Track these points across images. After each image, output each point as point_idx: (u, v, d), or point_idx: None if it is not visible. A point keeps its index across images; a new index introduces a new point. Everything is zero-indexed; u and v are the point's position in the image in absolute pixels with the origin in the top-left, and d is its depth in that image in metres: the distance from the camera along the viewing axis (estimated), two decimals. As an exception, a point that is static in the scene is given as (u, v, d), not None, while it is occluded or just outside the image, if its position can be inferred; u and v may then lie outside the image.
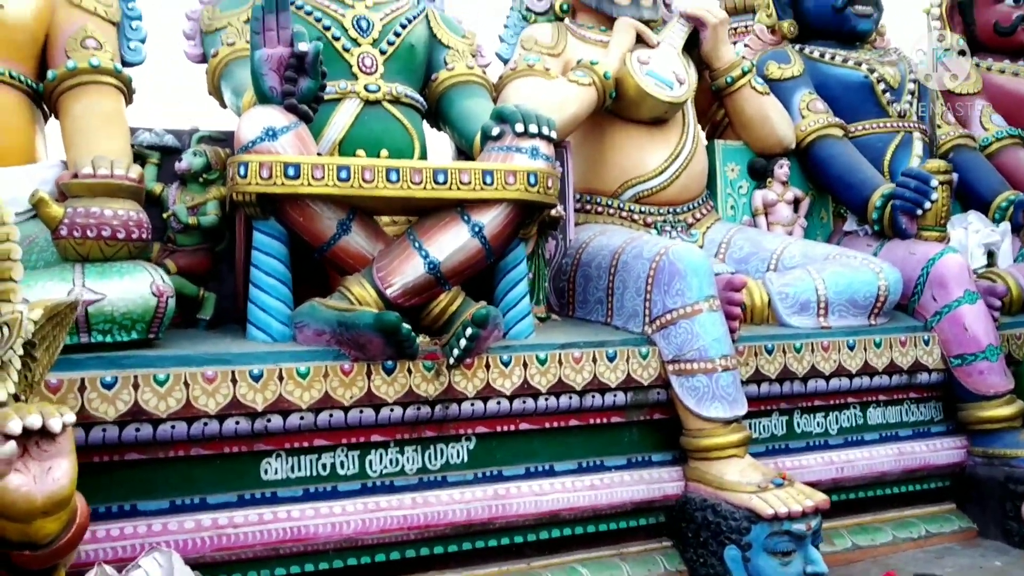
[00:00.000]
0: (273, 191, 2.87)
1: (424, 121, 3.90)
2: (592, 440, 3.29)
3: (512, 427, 3.15)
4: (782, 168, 4.48)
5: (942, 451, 3.85)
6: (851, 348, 3.69)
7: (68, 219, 2.68)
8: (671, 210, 4.23)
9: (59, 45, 3.35)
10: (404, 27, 3.76)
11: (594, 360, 3.22)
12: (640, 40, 4.20)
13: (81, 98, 3.28)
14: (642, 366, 3.30)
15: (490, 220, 3.07)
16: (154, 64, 3.72)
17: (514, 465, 3.16)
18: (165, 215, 3.18)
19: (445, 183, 3.00)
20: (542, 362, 3.14)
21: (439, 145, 4.18)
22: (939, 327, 3.86)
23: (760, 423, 3.61)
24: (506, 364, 3.08)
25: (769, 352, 3.54)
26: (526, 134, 3.18)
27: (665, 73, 4.10)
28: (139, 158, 3.28)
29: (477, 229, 3.06)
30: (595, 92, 3.97)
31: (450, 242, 3.06)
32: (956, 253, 3.90)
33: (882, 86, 4.71)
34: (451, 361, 2.97)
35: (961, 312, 3.80)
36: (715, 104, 4.61)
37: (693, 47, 4.43)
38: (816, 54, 4.85)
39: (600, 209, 4.20)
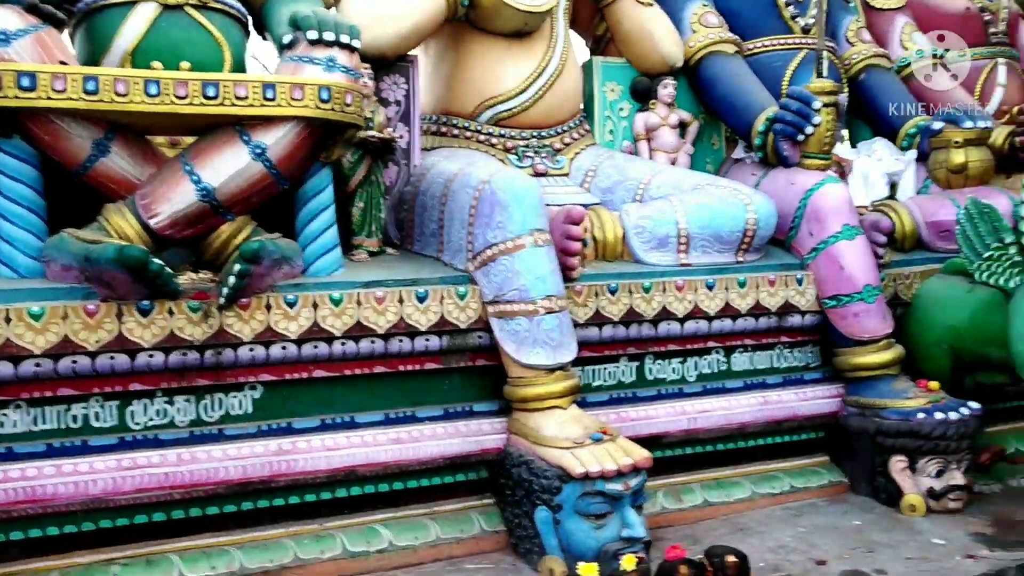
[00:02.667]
0: (5, 104, 2.48)
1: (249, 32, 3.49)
2: (403, 389, 2.96)
3: (304, 375, 2.82)
4: (666, 88, 4.07)
5: (813, 400, 3.54)
6: (710, 288, 3.34)
7: None
8: (535, 134, 3.84)
9: None
10: (214, -79, 3.31)
11: (401, 300, 2.88)
12: (504, -57, 3.75)
13: None
14: (459, 307, 2.96)
15: (275, 140, 2.70)
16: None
17: (307, 417, 2.83)
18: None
19: (217, 98, 2.62)
20: (336, 302, 2.79)
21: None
22: (814, 265, 3.51)
23: (605, 369, 3.28)
24: (291, 304, 2.74)
25: (613, 292, 3.19)
26: (321, 42, 2.80)
27: (525, -21, 3.67)
28: None
29: (259, 151, 2.68)
30: (443, 1, 3.55)
31: (226, 165, 2.68)
32: (837, 183, 3.52)
33: (785, -2, 4.27)
34: (221, 301, 2.63)
35: (838, 248, 3.44)
36: (597, 16, 4.18)
37: (572, -48, 4.01)
38: (715, -38, 4.39)
39: (456, 132, 3.81)
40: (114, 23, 3.10)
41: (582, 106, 4.08)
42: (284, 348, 2.74)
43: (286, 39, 2.83)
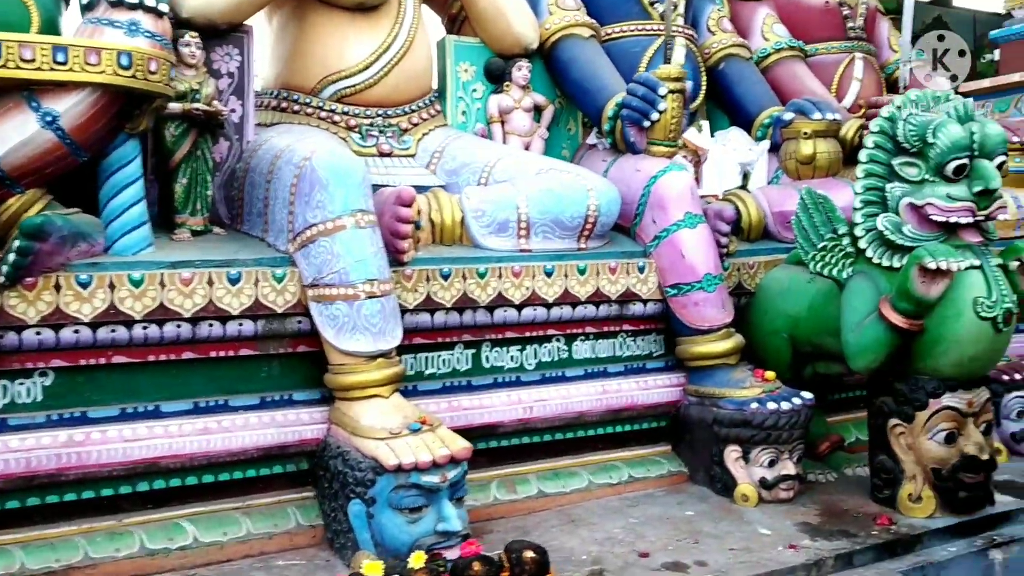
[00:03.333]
0: None
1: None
2: (214, 376, 2.80)
3: (102, 360, 2.63)
4: (520, 71, 3.98)
5: (654, 389, 3.51)
6: (549, 274, 3.27)
7: None
8: (381, 112, 3.70)
9: None
10: None
11: (211, 283, 2.72)
12: (349, -89, 3.60)
13: None
14: (276, 291, 2.81)
15: (68, 108, 2.51)
16: None
17: (105, 405, 2.65)
18: None
19: (-1, 59, 2.41)
20: (136, 283, 2.61)
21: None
22: (656, 253, 3.47)
23: (439, 357, 3.18)
24: (84, 285, 2.55)
25: (445, 277, 3.09)
26: (122, 4, 2.61)
27: (367, -51, 3.53)
28: None
29: (50, 119, 2.49)
30: (279, -32, 3.38)
31: (12, 133, 2.49)
32: (680, 171, 3.49)
33: (644, -16, 4.23)
34: (0, 280, 2.43)
35: (680, 236, 3.41)
36: (452, -6, 4.07)
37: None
38: (573, -55, 4.31)
39: (297, 108, 3.64)
40: (-98, -23, 2.83)
41: (435, 86, 3.96)
42: (77, 332, 2.55)
43: (85, -1, 2.63)
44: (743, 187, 4.12)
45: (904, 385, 3.12)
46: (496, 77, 4.01)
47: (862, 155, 3.12)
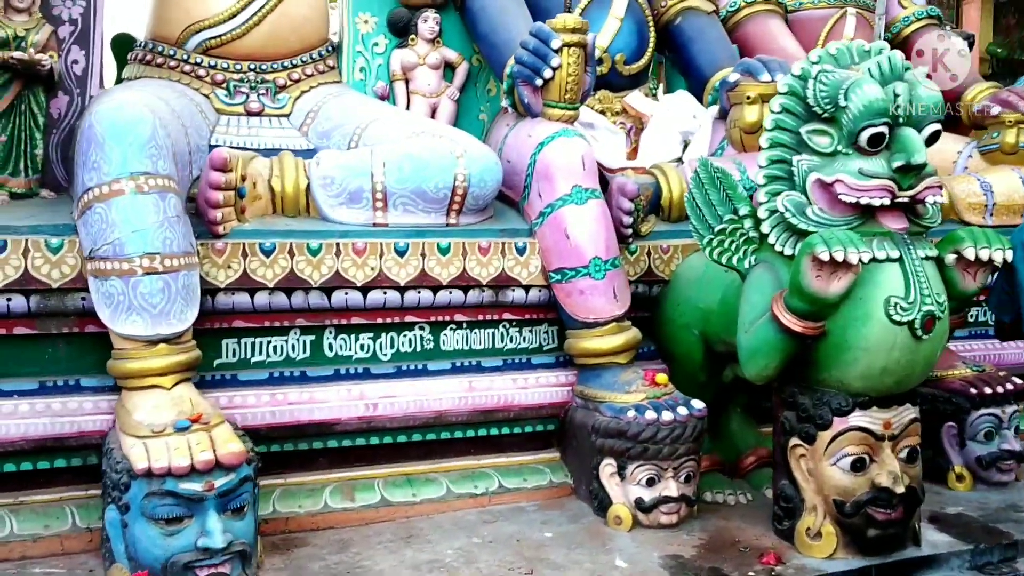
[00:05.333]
0: None
1: None
2: (-14, 358, 2.51)
3: None
4: (427, 23, 3.55)
5: (536, 388, 3.06)
6: (401, 253, 2.85)
7: None
8: (254, 66, 3.31)
9: None
10: None
11: (-29, 253, 2.41)
12: None
13: None
14: (51, 263, 2.49)
15: None
16: None
17: None
18: None
19: None
20: None
21: None
22: (540, 232, 3.01)
23: (269, 343, 2.81)
24: None
25: (267, 253, 2.70)
26: None
27: None
28: None
29: None
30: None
31: None
32: (571, 136, 2.99)
33: (578, -80, 3.72)
34: None
35: (564, 214, 2.93)
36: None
37: None
38: None
39: (161, 61, 3.29)
40: None
41: (330, 38, 3.56)
42: None
43: None
44: (680, 159, 3.59)
45: (807, 399, 2.60)
46: (400, 30, 3.59)
47: (767, 121, 2.58)
